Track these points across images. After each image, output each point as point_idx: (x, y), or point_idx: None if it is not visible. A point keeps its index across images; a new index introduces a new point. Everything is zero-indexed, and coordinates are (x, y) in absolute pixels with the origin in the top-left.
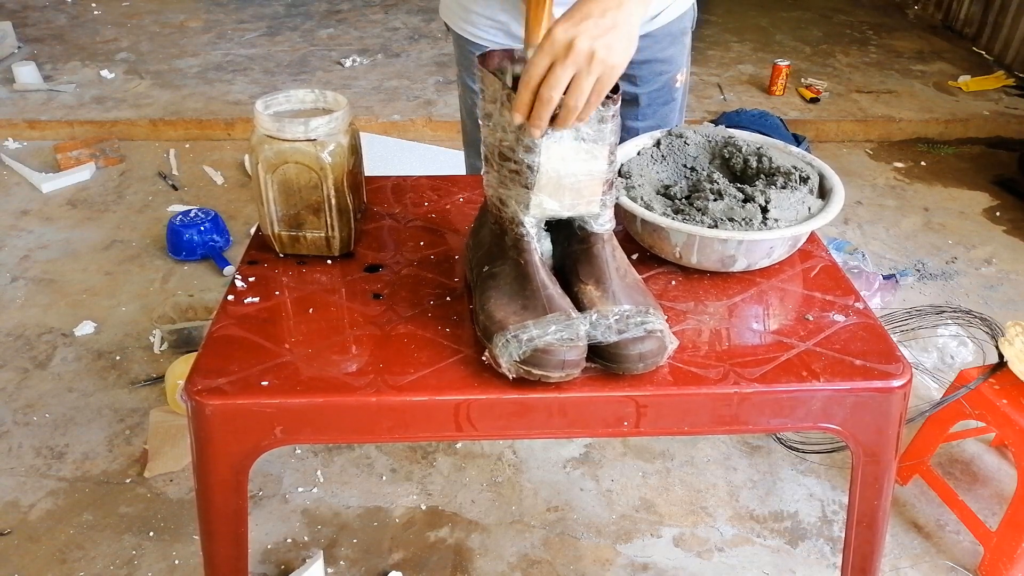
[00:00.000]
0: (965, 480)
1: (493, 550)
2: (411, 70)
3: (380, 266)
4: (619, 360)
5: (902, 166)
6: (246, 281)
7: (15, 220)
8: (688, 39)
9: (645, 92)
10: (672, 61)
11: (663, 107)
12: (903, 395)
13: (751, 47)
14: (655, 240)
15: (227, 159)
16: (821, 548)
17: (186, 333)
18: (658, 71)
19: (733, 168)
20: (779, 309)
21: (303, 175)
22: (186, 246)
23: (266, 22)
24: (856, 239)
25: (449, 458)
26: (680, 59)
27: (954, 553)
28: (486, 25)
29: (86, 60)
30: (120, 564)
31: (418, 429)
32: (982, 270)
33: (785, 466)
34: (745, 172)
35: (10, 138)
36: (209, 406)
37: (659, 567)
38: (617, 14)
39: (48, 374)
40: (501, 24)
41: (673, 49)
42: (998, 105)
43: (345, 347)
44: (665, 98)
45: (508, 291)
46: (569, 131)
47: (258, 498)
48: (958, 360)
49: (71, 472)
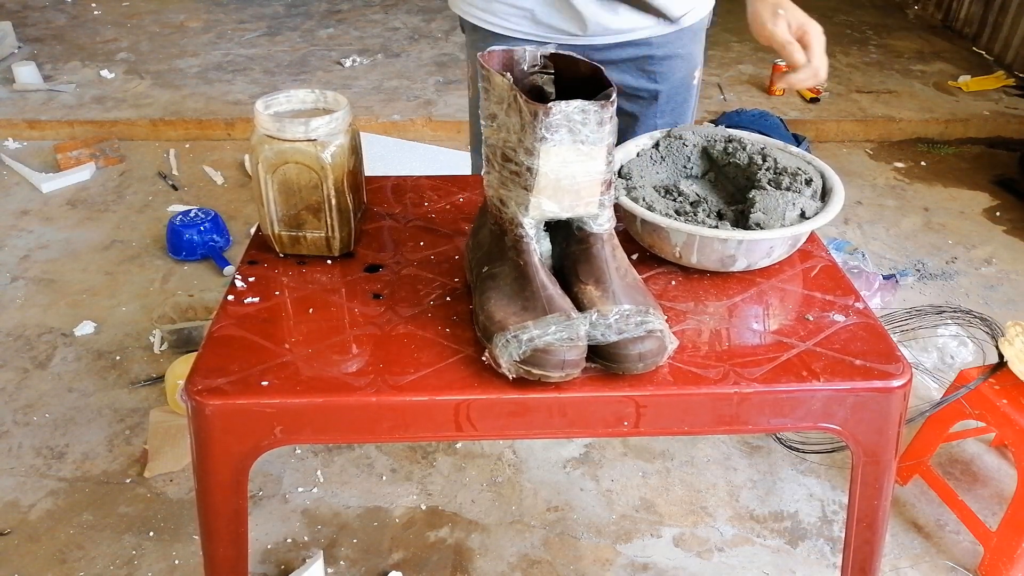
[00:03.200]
0: (965, 480)
1: (493, 550)
2: (411, 70)
3: (380, 266)
4: (619, 360)
5: (902, 166)
6: (246, 281)
7: (15, 220)
8: (705, 36)
9: (665, 88)
10: (692, 58)
11: (681, 104)
12: (903, 395)
13: (751, 47)
14: (655, 240)
15: (227, 159)
16: (821, 548)
17: (186, 333)
18: (678, 67)
19: (735, 169)
20: (779, 309)
21: (303, 175)
22: (186, 246)
23: (266, 22)
24: (856, 239)
25: (449, 458)
26: (699, 56)
27: (954, 553)
28: (508, 13)
29: (86, 60)
30: (120, 564)
31: (418, 429)
32: (982, 270)
33: (785, 466)
34: (750, 170)
35: (10, 138)
36: (209, 406)
37: (659, 567)
38: None
39: (48, 374)
40: (526, 11)
41: (694, 46)
42: (998, 105)
43: (345, 347)
44: (683, 95)
45: (508, 291)
46: (568, 133)
47: (258, 498)
48: (958, 360)
49: (71, 472)
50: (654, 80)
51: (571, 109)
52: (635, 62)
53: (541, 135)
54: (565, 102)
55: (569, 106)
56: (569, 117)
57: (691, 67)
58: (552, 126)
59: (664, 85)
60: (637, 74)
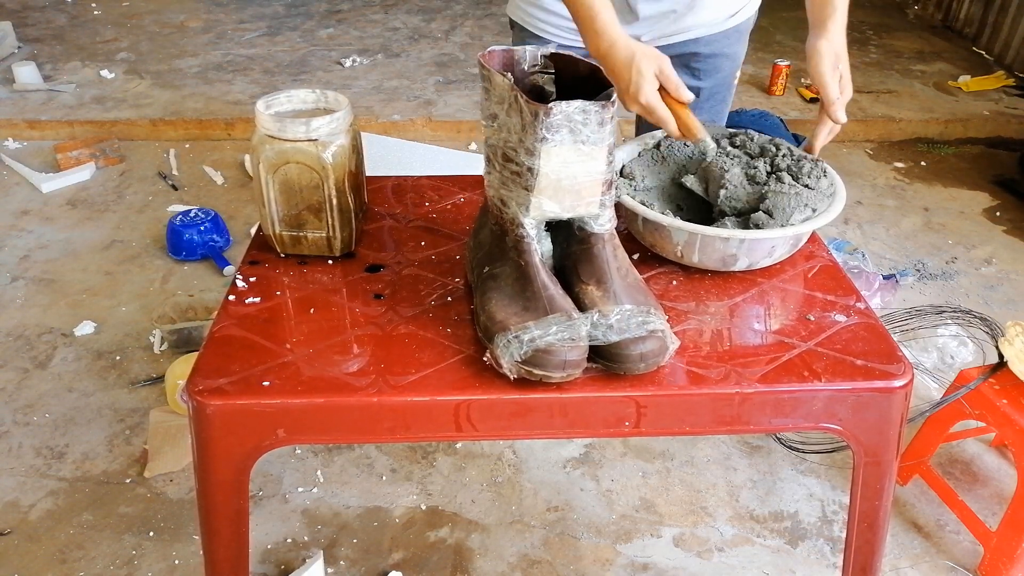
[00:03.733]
0: (965, 480)
1: (493, 550)
2: (411, 70)
3: (381, 266)
4: (620, 360)
5: (902, 166)
6: (247, 281)
7: (15, 220)
8: (748, 35)
9: (707, 86)
10: (736, 57)
11: (720, 102)
12: (904, 395)
13: (751, 47)
14: (656, 239)
15: (227, 159)
16: (821, 548)
17: (186, 333)
18: (722, 66)
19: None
20: (780, 309)
21: (304, 175)
22: (186, 246)
23: (266, 22)
24: (856, 239)
25: (449, 458)
26: (742, 55)
27: (954, 553)
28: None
29: (86, 60)
30: (120, 564)
31: (419, 429)
32: (982, 270)
33: (785, 466)
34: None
35: (10, 138)
36: (210, 406)
37: (659, 567)
38: None
39: (48, 374)
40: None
41: (739, 46)
42: (998, 105)
43: (346, 347)
44: (723, 92)
45: (509, 292)
46: (568, 134)
47: (258, 498)
48: (958, 360)
49: (71, 472)
50: (698, 77)
51: (572, 109)
52: (680, 58)
53: (542, 135)
54: (566, 102)
55: (570, 106)
56: (570, 117)
57: (734, 66)
58: (553, 126)
59: (707, 82)
60: (682, 70)
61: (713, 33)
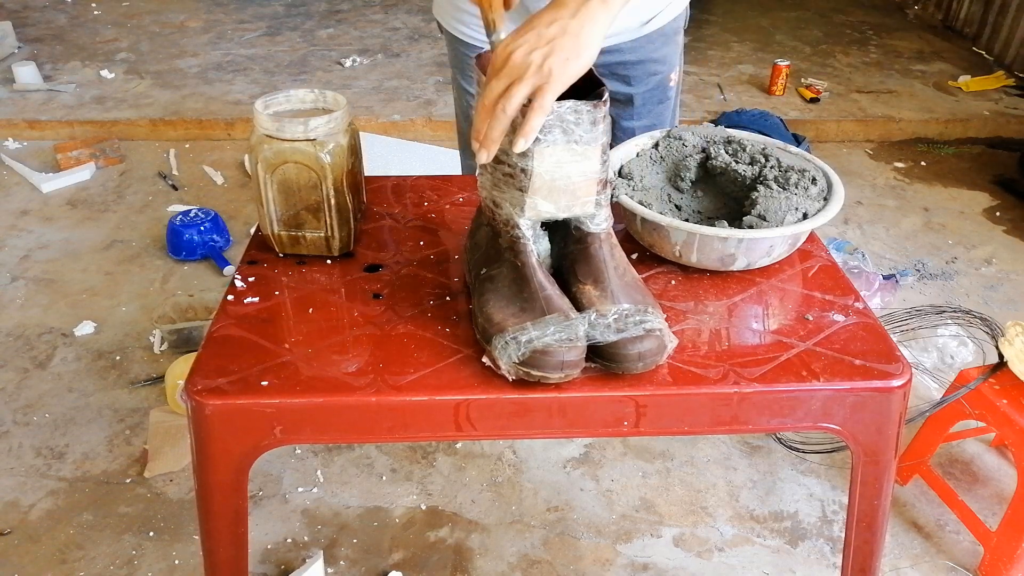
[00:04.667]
0: (965, 480)
1: (493, 550)
2: (411, 70)
3: (380, 266)
4: (618, 360)
5: (902, 166)
6: (246, 281)
7: (15, 220)
8: (681, 38)
9: (640, 92)
10: (666, 61)
11: (658, 106)
12: (903, 395)
13: (751, 47)
14: (655, 239)
15: (227, 159)
16: (821, 548)
17: (186, 333)
18: (652, 71)
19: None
20: (779, 309)
21: (303, 175)
22: (186, 246)
23: (266, 22)
24: (856, 239)
25: (449, 458)
26: (674, 59)
27: (954, 553)
28: (477, 25)
29: (86, 60)
30: (120, 564)
31: (418, 429)
32: (982, 270)
33: (785, 466)
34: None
35: (10, 138)
36: (209, 406)
37: (659, 567)
38: (567, 23)
39: (48, 374)
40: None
41: (667, 49)
42: (998, 105)
43: (345, 347)
44: (659, 97)
45: (506, 293)
46: (561, 134)
47: (258, 498)
48: (958, 360)
49: (71, 472)
50: (628, 84)
51: (564, 109)
52: (608, 67)
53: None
54: (557, 103)
55: (561, 106)
56: (562, 117)
57: (666, 70)
58: (545, 127)
59: (639, 88)
60: (611, 78)
61: (635, 39)
